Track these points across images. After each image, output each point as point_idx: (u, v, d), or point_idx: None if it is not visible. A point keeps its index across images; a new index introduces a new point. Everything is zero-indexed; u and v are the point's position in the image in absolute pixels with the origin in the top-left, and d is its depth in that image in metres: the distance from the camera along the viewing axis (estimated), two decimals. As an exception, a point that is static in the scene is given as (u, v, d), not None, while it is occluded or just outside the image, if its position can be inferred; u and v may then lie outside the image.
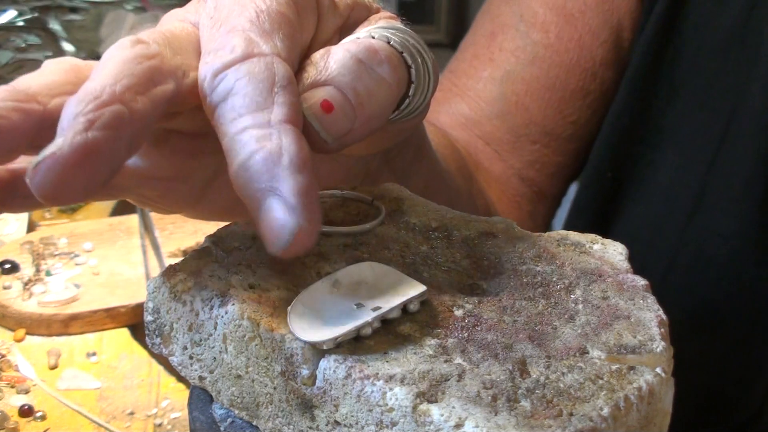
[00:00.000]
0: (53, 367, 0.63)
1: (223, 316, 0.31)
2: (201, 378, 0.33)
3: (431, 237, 0.36)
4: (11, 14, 1.19)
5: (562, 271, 0.34)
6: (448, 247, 0.35)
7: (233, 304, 0.31)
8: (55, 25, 1.19)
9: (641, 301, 0.32)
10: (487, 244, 0.36)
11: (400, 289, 0.31)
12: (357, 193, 0.38)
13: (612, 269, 0.34)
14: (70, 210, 0.85)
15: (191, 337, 0.32)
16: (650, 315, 0.31)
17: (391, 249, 0.35)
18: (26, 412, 0.58)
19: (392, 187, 0.39)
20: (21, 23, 1.18)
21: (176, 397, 0.61)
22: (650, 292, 0.33)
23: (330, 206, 0.38)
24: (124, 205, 0.84)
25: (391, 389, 0.27)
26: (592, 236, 0.36)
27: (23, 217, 0.81)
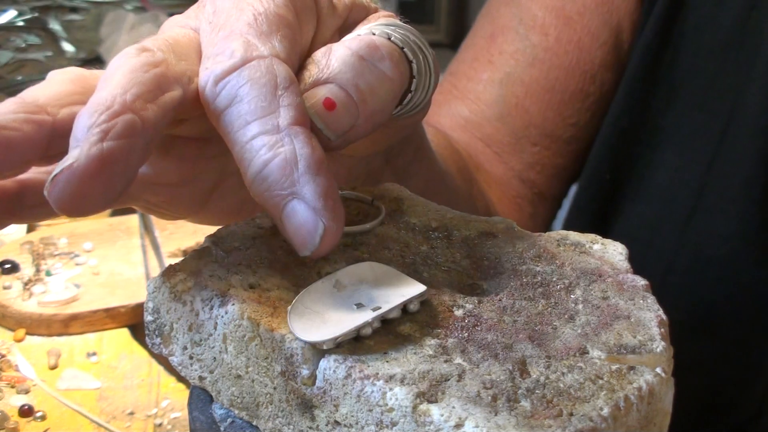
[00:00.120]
0: (53, 367, 0.63)
1: (223, 316, 0.31)
2: (201, 378, 0.33)
3: (431, 237, 0.36)
4: (11, 14, 1.19)
5: (562, 271, 0.34)
6: (448, 247, 0.35)
7: (233, 304, 0.31)
8: (55, 25, 1.19)
9: (641, 301, 0.32)
10: (487, 244, 0.36)
11: (400, 289, 0.31)
12: (357, 193, 0.38)
13: (612, 269, 0.34)
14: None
15: (191, 337, 0.32)
16: (650, 315, 0.31)
17: (391, 249, 0.35)
18: (26, 412, 0.58)
19: (392, 187, 0.39)
20: (21, 23, 1.18)
21: (176, 397, 0.61)
22: (650, 292, 0.33)
23: (330, 206, 0.38)
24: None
25: (391, 389, 0.27)
26: (592, 236, 0.36)
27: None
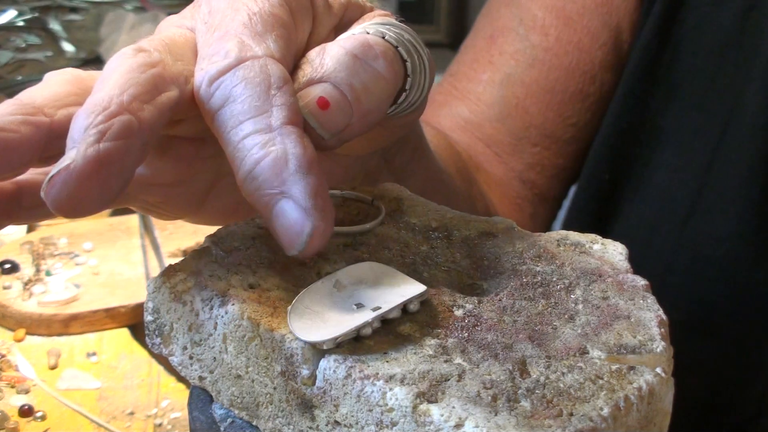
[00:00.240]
0: (53, 367, 0.63)
1: (223, 316, 0.31)
2: (201, 378, 0.33)
3: (431, 237, 0.36)
4: (11, 14, 1.19)
5: (562, 271, 0.34)
6: (448, 247, 0.35)
7: (233, 304, 0.31)
8: (55, 25, 1.19)
9: (641, 301, 0.32)
10: (487, 244, 0.36)
11: (400, 289, 0.31)
12: (357, 193, 0.38)
13: (612, 269, 0.34)
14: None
15: (191, 337, 0.32)
16: (650, 315, 0.31)
17: (391, 249, 0.35)
18: (26, 412, 0.58)
19: (392, 187, 0.39)
20: (21, 23, 1.18)
21: (176, 397, 0.61)
22: (650, 292, 0.33)
23: (330, 206, 0.38)
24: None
25: (391, 389, 0.27)
26: (592, 236, 0.36)
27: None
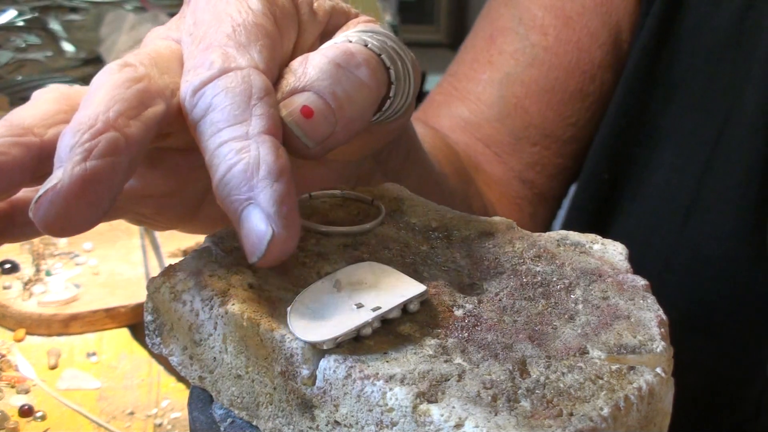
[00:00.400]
0: (53, 367, 0.63)
1: (223, 316, 0.31)
2: (201, 378, 0.33)
3: (431, 237, 0.36)
4: (11, 14, 1.19)
5: (562, 271, 0.34)
6: (448, 247, 0.35)
7: (233, 304, 0.31)
8: (55, 25, 1.19)
9: (641, 301, 0.32)
10: (487, 244, 0.36)
11: (400, 289, 0.31)
12: (357, 193, 0.38)
13: (612, 269, 0.34)
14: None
15: (191, 337, 0.32)
16: (650, 315, 0.31)
17: (391, 249, 0.35)
18: (26, 412, 0.58)
19: (392, 187, 0.39)
20: (21, 23, 1.18)
21: (176, 397, 0.61)
22: (650, 292, 0.33)
23: (330, 206, 0.38)
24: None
25: (391, 389, 0.27)
26: (592, 236, 0.36)
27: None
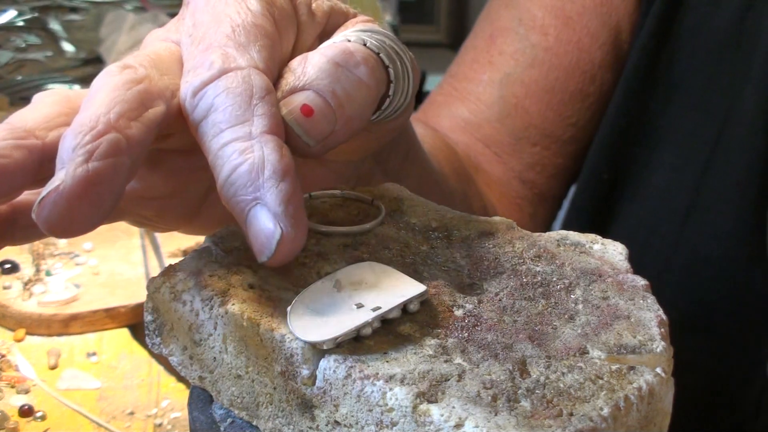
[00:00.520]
0: (53, 367, 0.63)
1: (223, 316, 0.31)
2: (201, 378, 0.33)
3: (431, 237, 0.36)
4: (11, 14, 1.19)
5: (562, 271, 0.34)
6: (448, 247, 0.35)
7: (233, 304, 0.31)
8: (55, 25, 1.19)
9: (641, 301, 0.32)
10: (487, 244, 0.35)
11: (400, 289, 0.31)
12: (357, 193, 0.38)
13: (612, 269, 0.34)
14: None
15: (191, 337, 0.32)
16: (650, 315, 0.31)
17: (391, 249, 0.35)
18: (26, 412, 0.58)
19: (392, 187, 0.39)
20: (21, 23, 1.18)
21: (176, 397, 0.61)
22: (650, 292, 0.33)
23: (330, 206, 0.38)
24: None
25: (391, 389, 0.27)
26: (592, 236, 0.36)
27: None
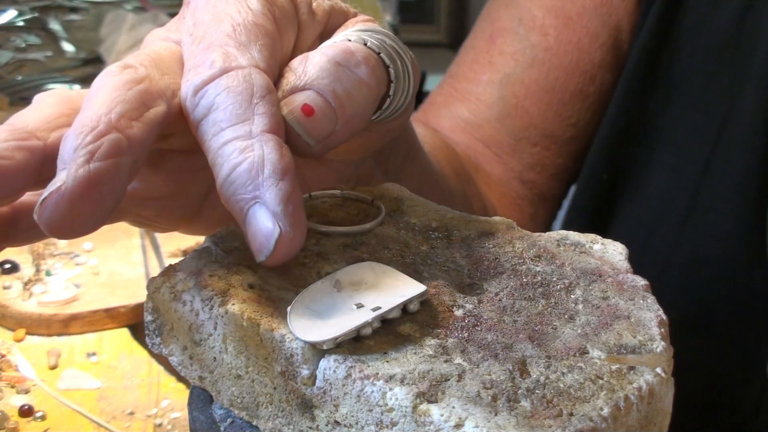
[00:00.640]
0: (53, 367, 0.63)
1: (223, 316, 0.31)
2: (201, 378, 0.33)
3: (431, 237, 0.36)
4: (11, 14, 1.19)
5: (562, 271, 0.34)
6: (448, 247, 0.35)
7: (233, 304, 0.31)
8: (55, 25, 1.19)
9: (641, 301, 0.32)
10: (487, 244, 0.35)
11: (400, 289, 0.31)
12: (357, 193, 0.38)
13: (612, 269, 0.34)
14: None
15: (191, 337, 0.32)
16: (650, 315, 0.31)
17: (391, 249, 0.35)
18: (26, 412, 0.58)
19: (392, 187, 0.39)
20: (21, 23, 1.18)
21: (176, 397, 0.61)
22: (650, 292, 0.33)
23: (330, 206, 0.38)
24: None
25: (391, 389, 0.27)
26: (592, 236, 0.36)
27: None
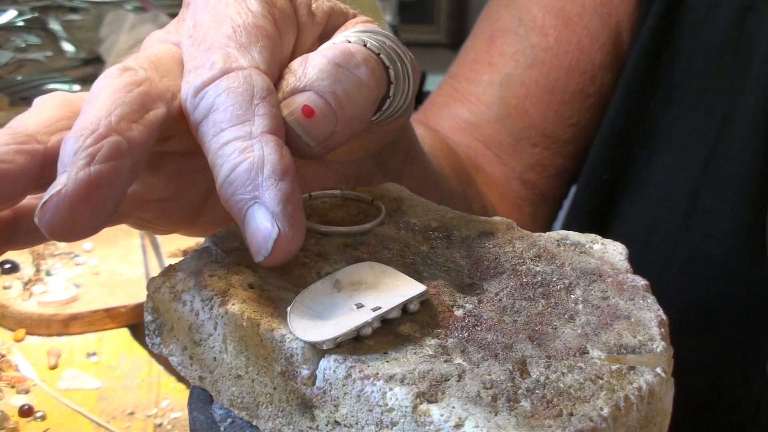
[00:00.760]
0: (53, 367, 0.63)
1: (223, 316, 0.31)
2: (201, 378, 0.33)
3: (431, 237, 0.36)
4: (11, 14, 1.19)
5: (562, 271, 0.34)
6: (448, 247, 0.35)
7: (233, 304, 0.31)
8: (55, 25, 1.19)
9: (641, 301, 0.32)
10: (487, 244, 0.35)
11: (400, 289, 0.31)
12: (357, 193, 0.38)
13: (612, 269, 0.34)
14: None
15: (191, 337, 0.32)
16: (650, 315, 0.31)
17: (391, 249, 0.35)
18: (26, 412, 0.58)
19: (392, 187, 0.39)
20: (21, 23, 1.18)
21: (176, 397, 0.61)
22: (650, 292, 0.33)
23: (330, 206, 0.38)
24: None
25: (391, 389, 0.27)
26: (592, 236, 0.36)
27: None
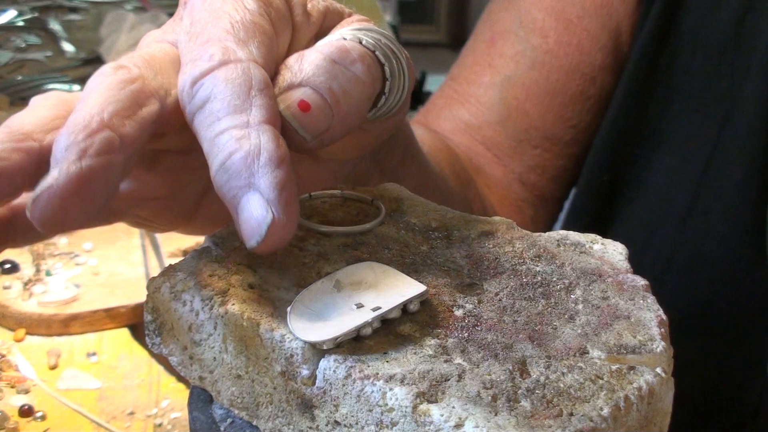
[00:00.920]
0: (53, 367, 0.63)
1: (223, 316, 0.31)
2: (201, 378, 0.33)
3: (431, 237, 0.36)
4: (11, 14, 1.19)
5: (562, 271, 0.34)
6: (448, 247, 0.35)
7: (233, 304, 0.31)
8: (55, 25, 1.19)
9: (641, 301, 0.32)
10: (487, 244, 0.35)
11: (400, 289, 0.31)
12: (357, 193, 0.38)
13: (612, 269, 0.34)
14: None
15: (191, 337, 0.32)
16: (650, 315, 0.31)
17: (391, 249, 0.35)
18: (26, 412, 0.58)
19: (392, 187, 0.39)
20: (21, 23, 1.19)
21: (176, 397, 0.61)
22: (650, 292, 0.33)
23: (330, 206, 0.38)
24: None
25: (391, 389, 0.27)
26: (592, 236, 0.36)
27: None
